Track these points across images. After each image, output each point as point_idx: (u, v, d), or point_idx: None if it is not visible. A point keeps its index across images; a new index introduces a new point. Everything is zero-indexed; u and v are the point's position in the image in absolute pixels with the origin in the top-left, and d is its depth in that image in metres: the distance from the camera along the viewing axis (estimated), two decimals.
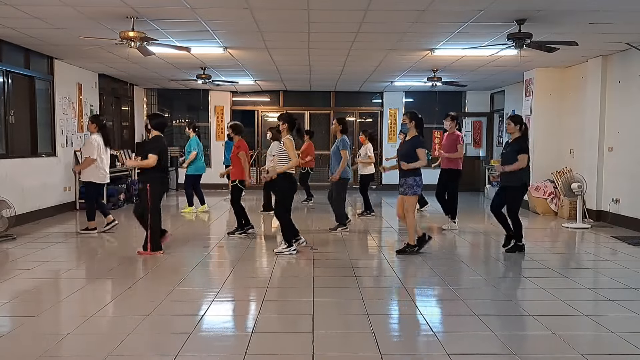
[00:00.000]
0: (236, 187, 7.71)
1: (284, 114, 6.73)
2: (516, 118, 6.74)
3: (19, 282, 5.29)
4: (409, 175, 6.38)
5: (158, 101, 15.34)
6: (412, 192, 6.41)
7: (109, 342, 3.66)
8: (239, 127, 8.04)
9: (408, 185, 6.39)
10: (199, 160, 10.20)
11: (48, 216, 9.31)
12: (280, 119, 6.64)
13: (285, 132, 6.55)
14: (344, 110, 15.54)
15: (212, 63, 10.26)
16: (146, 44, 7.02)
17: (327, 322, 4.14)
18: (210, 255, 6.63)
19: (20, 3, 6.14)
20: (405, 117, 6.60)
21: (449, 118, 8.52)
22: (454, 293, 5.02)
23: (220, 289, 5.05)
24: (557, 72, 10.67)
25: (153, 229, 6.31)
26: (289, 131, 6.55)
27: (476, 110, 15.03)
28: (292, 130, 6.58)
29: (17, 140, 8.70)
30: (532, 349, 3.72)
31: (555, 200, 10.15)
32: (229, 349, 3.62)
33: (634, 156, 8.45)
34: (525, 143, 6.68)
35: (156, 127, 6.46)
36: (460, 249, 7.10)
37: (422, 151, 6.36)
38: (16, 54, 8.69)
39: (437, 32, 7.49)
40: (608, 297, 4.89)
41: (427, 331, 4.02)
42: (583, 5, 6.05)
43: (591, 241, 7.89)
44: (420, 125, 6.51)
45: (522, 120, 6.74)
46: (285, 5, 6.20)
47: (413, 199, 6.50)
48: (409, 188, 6.40)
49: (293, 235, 6.60)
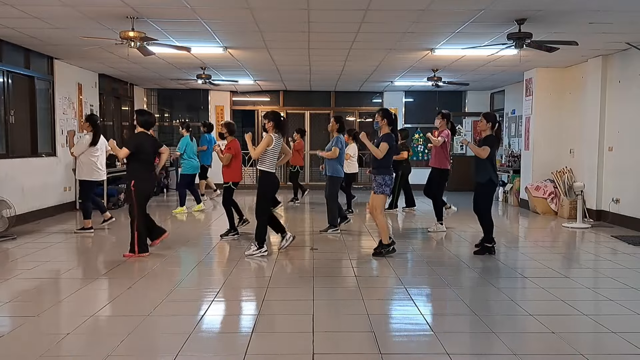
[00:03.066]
0: (229, 188, 7.68)
1: (270, 112, 6.63)
2: (488, 116, 6.65)
3: (19, 282, 5.29)
4: (379, 173, 6.34)
5: (158, 101, 15.36)
6: (380, 191, 6.35)
7: (109, 342, 3.66)
8: (232, 126, 8.01)
9: (377, 183, 6.36)
10: (194, 160, 10.19)
11: (48, 216, 9.32)
12: (266, 118, 6.54)
13: (271, 130, 6.44)
14: (344, 110, 15.56)
15: (212, 63, 10.27)
16: (146, 44, 7.02)
17: (327, 322, 4.15)
18: (210, 255, 6.62)
19: (20, 3, 6.13)
20: (377, 115, 6.52)
21: (440, 115, 8.33)
22: (454, 293, 5.01)
23: (220, 288, 5.06)
24: (557, 72, 10.66)
25: (139, 231, 6.24)
26: (274, 129, 6.43)
27: (476, 110, 14.99)
28: (278, 129, 6.44)
29: (17, 140, 8.70)
30: (532, 349, 3.71)
31: (555, 200, 10.15)
32: (229, 349, 3.62)
33: (634, 156, 8.45)
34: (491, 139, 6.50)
35: (142, 125, 6.37)
36: (459, 249, 7.09)
37: (384, 145, 6.27)
38: (16, 54, 8.69)
39: (437, 31, 7.49)
40: (608, 297, 4.89)
41: (427, 331, 4.02)
42: (583, 5, 6.05)
43: (591, 241, 7.89)
44: (392, 123, 6.45)
45: (495, 118, 6.63)
46: (285, 5, 6.20)
47: (381, 198, 6.40)
48: (378, 187, 6.35)
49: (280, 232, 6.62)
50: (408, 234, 8.24)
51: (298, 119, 15.26)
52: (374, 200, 6.45)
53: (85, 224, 7.90)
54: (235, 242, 7.36)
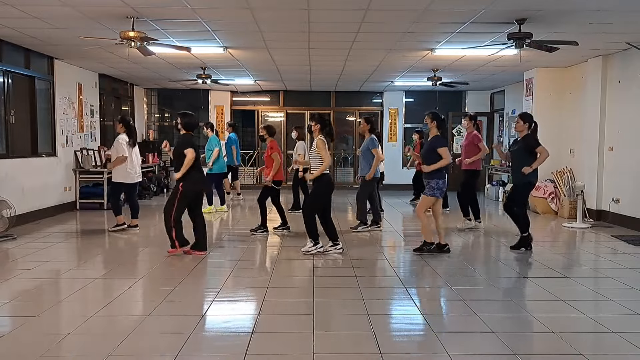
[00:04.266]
0: (272, 188, 7.83)
1: (317, 114, 6.70)
2: (525, 116, 6.79)
3: (19, 282, 5.29)
4: (433, 177, 6.39)
5: (158, 101, 15.36)
6: (431, 194, 6.41)
7: (109, 342, 3.66)
8: (272, 128, 8.16)
9: (430, 187, 6.42)
10: (222, 159, 10.24)
11: (48, 216, 9.32)
12: (312, 120, 6.59)
13: (317, 133, 6.47)
14: (344, 110, 15.57)
15: (212, 63, 10.26)
16: (146, 43, 7.02)
17: (327, 322, 4.15)
18: (211, 255, 6.62)
19: (20, 3, 6.13)
20: (427, 117, 6.61)
21: (467, 118, 8.53)
22: (454, 292, 5.01)
23: (221, 288, 5.05)
24: (558, 71, 10.66)
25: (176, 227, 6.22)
26: (320, 132, 6.47)
27: (476, 109, 14.95)
28: (324, 131, 6.50)
29: (17, 140, 8.70)
30: (532, 349, 3.72)
31: (555, 200, 10.15)
32: (229, 349, 3.62)
33: (634, 156, 8.45)
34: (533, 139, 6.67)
35: (186, 127, 6.38)
36: (460, 249, 7.09)
37: (444, 150, 6.37)
38: (16, 54, 8.69)
39: (437, 31, 7.49)
40: (608, 297, 4.89)
41: (427, 331, 4.02)
42: (583, 5, 6.04)
43: (591, 241, 7.89)
44: (441, 125, 6.55)
45: (531, 118, 6.78)
46: (285, 5, 6.20)
47: (428, 200, 6.46)
48: (429, 189, 6.41)
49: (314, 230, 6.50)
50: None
51: (298, 119, 15.27)
52: (422, 200, 6.56)
53: (118, 220, 7.93)
54: (239, 242, 7.37)
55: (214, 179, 10.19)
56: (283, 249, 6.92)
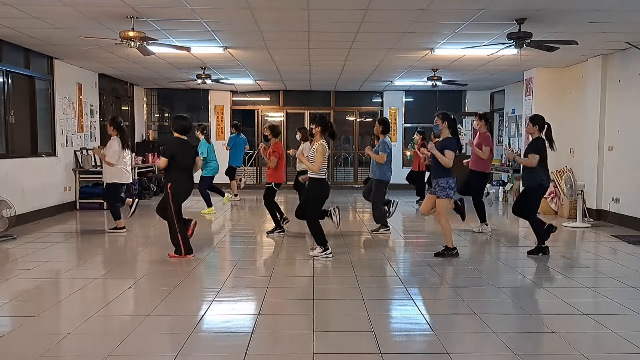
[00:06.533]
0: (271, 188, 7.81)
1: (318, 116, 6.50)
2: (535, 118, 6.63)
3: (19, 282, 5.29)
4: (441, 176, 6.26)
5: (158, 101, 15.36)
6: (445, 195, 6.23)
7: (109, 342, 3.66)
8: (277, 129, 8.12)
9: (441, 187, 6.24)
10: (213, 161, 10.23)
11: (48, 216, 9.31)
12: (313, 122, 6.42)
13: (319, 136, 6.34)
14: (343, 109, 15.56)
15: (212, 63, 10.26)
16: (146, 43, 7.02)
17: (327, 322, 4.15)
18: (211, 255, 6.62)
19: (20, 3, 6.13)
20: (437, 118, 6.44)
21: (478, 117, 8.34)
22: (454, 292, 5.01)
23: (221, 288, 5.05)
24: (557, 71, 10.66)
25: (181, 233, 6.16)
26: (322, 135, 6.34)
27: (476, 109, 14.92)
28: (326, 133, 6.37)
29: (17, 140, 8.70)
30: (532, 349, 3.71)
31: (555, 199, 10.15)
32: (229, 348, 3.62)
33: (634, 155, 8.45)
34: (538, 144, 6.50)
35: (178, 131, 6.26)
36: (460, 249, 7.08)
37: (450, 153, 6.21)
38: (16, 54, 8.69)
39: (437, 31, 7.48)
40: (608, 297, 4.89)
41: (427, 331, 4.02)
42: (583, 4, 6.04)
43: (591, 240, 7.89)
44: (452, 125, 6.40)
45: (541, 120, 6.57)
46: (285, 5, 6.20)
47: (444, 202, 6.28)
48: (441, 190, 6.24)
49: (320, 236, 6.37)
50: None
51: (298, 119, 15.27)
52: (438, 204, 6.31)
53: (118, 224, 7.87)
54: (240, 242, 7.37)
55: (207, 181, 10.18)
56: (283, 249, 6.92)
